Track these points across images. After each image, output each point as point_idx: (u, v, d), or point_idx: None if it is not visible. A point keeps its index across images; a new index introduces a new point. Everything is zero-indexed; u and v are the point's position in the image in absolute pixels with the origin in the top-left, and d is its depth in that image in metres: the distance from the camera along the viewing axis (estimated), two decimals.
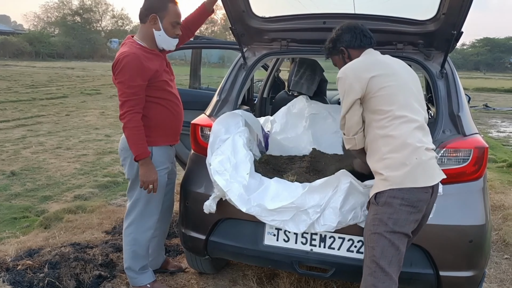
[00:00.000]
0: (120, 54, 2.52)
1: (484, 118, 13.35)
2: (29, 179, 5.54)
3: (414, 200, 2.09)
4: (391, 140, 2.14)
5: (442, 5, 2.62)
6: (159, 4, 2.58)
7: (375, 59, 2.36)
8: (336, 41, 2.47)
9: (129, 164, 2.75)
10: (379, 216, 2.13)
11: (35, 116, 10.34)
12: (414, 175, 2.09)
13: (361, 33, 2.42)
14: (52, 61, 39.18)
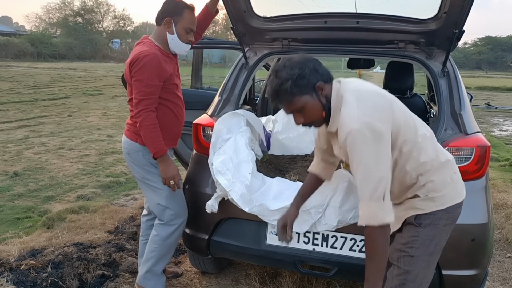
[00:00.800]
0: (140, 52, 2.52)
1: (486, 117, 13.33)
2: (31, 180, 5.56)
3: (456, 217, 2.03)
4: (424, 166, 1.92)
5: (444, 3, 2.62)
6: (175, 9, 2.61)
7: (368, 93, 1.89)
8: (305, 77, 1.83)
9: (138, 167, 2.74)
10: (421, 238, 1.97)
11: (38, 117, 10.37)
12: (456, 191, 2.01)
13: (320, 67, 1.89)
14: (54, 62, 39.25)
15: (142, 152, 2.68)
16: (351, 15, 2.97)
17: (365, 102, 1.82)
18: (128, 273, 3.24)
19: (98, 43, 49.49)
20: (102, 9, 54.78)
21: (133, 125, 2.67)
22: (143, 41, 2.67)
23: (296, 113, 1.90)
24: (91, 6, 53.66)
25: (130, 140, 2.70)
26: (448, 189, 1.96)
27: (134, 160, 2.71)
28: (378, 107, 1.81)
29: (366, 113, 1.77)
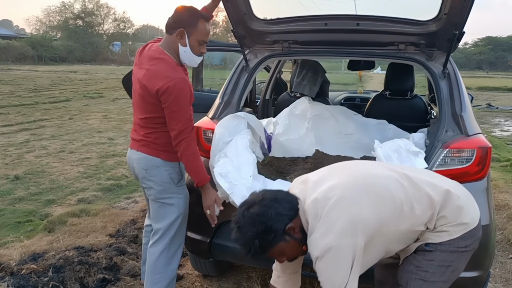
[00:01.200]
0: (168, 80, 2.34)
1: (488, 117, 13.31)
2: (32, 183, 5.56)
3: (476, 242, 1.93)
4: (423, 218, 1.84)
5: (444, 5, 2.62)
6: (189, 19, 2.44)
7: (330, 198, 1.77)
8: (272, 229, 1.75)
9: (158, 185, 2.58)
10: (437, 262, 1.88)
11: (38, 120, 10.37)
12: (470, 215, 1.90)
13: (285, 198, 1.85)
14: (54, 64, 39.26)
15: (164, 168, 2.55)
16: (351, 17, 2.96)
17: (324, 219, 1.73)
18: (129, 276, 3.24)
19: (98, 46, 49.48)
20: (103, 11, 54.82)
21: (152, 141, 2.53)
22: (160, 57, 2.44)
23: (276, 256, 1.88)
24: (91, 9, 53.69)
25: (149, 156, 2.54)
26: (461, 217, 1.87)
27: (153, 176, 2.55)
28: (339, 220, 1.71)
29: (326, 233, 1.70)
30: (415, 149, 2.53)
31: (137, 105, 2.58)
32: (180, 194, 2.63)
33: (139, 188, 5.40)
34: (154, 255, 2.62)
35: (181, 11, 2.46)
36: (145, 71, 2.44)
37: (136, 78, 2.54)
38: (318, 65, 4.19)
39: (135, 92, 2.57)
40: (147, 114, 2.50)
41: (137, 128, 2.61)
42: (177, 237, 2.64)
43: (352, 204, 1.75)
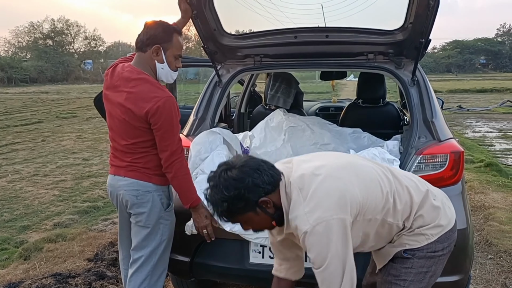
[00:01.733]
0: (157, 100, 2.24)
1: (459, 119, 13.63)
2: (6, 209, 5.40)
3: (452, 244, 1.95)
4: (403, 215, 1.85)
5: (409, 14, 2.68)
6: (164, 34, 2.34)
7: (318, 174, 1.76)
8: (245, 199, 1.71)
9: (150, 210, 2.41)
10: (415, 270, 1.87)
11: (10, 144, 10.12)
12: (447, 216, 1.92)
13: (265, 169, 1.75)
14: (25, 86, 38.51)
15: (156, 193, 2.43)
16: (320, 29, 3.01)
17: (313, 194, 1.71)
18: None
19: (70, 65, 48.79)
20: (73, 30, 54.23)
21: (142, 166, 2.40)
22: (138, 76, 2.33)
23: (242, 223, 1.83)
24: (61, 28, 53.04)
25: (140, 181, 2.39)
26: (438, 218, 1.88)
27: (145, 202, 2.40)
28: (329, 195, 1.70)
29: (315, 208, 1.68)
30: (389, 157, 2.56)
31: (118, 131, 2.41)
32: (167, 220, 2.50)
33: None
34: (135, 284, 2.47)
35: (154, 27, 2.36)
36: (127, 94, 2.30)
37: (114, 102, 2.38)
38: (291, 77, 4.22)
39: (113, 116, 2.41)
40: (134, 139, 2.36)
41: (119, 155, 2.45)
42: (160, 263, 2.52)
43: (342, 181, 1.75)
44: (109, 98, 2.43)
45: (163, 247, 2.51)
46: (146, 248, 2.47)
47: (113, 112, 2.41)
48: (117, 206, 2.56)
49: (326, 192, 1.71)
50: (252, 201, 1.71)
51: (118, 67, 2.45)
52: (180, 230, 2.62)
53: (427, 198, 1.90)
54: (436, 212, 1.89)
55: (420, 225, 1.86)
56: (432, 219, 1.87)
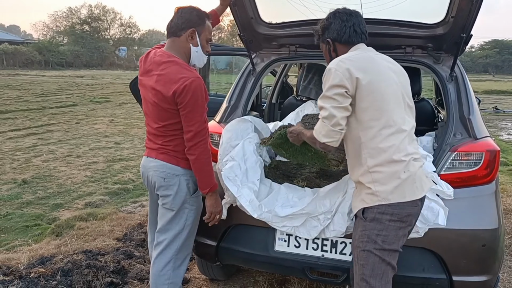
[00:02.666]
0: (184, 80, 2.27)
1: (494, 121, 13.25)
2: (40, 187, 5.59)
3: (404, 215, 2.02)
4: (378, 153, 2.01)
5: (451, 8, 2.61)
6: (198, 18, 2.41)
7: (366, 57, 2.13)
8: (325, 30, 2.26)
9: (175, 193, 2.46)
10: (367, 232, 2.04)
11: (46, 125, 10.44)
12: (403, 190, 2.00)
13: (351, 27, 2.18)
14: (61, 70, 39.57)
15: (184, 177, 2.47)
16: None
17: (348, 56, 2.13)
18: (136, 280, 3.24)
19: (105, 51, 49.78)
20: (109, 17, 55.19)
21: (172, 149, 2.44)
22: (168, 59, 2.37)
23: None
24: (98, 14, 54.05)
25: (169, 164, 2.44)
26: (393, 185, 1.99)
27: (172, 185, 2.46)
28: (357, 60, 2.08)
29: (342, 60, 2.06)
30: (422, 152, 2.52)
31: (151, 114, 2.47)
32: (193, 205, 2.54)
33: (146, 192, 5.41)
34: (159, 266, 2.53)
35: (188, 11, 2.42)
36: (157, 77, 2.36)
37: (147, 86, 2.44)
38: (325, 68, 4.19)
39: (146, 101, 2.48)
40: (164, 122, 2.41)
41: (152, 138, 2.51)
42: (183, 248, 2.57)
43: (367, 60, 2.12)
44: (143, 83, 2.49)
45: (187, 231, 2.55)
46: (170, 231, 2.52)
47: (146, 96, 2.47)
48: (147, 187, 2.62)
49: (358, 58, 2.11)
50: (326, 37, 2.27)
51: (151, 53, 2.51)
52: None
53: (400, 165, 2.00)
54: (394, 180, 2.00)
55: (376, 181, 2.01)
56: (388, 182, 2.00)
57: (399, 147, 2.01)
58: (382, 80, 2.05)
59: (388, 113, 2.02)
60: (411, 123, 2.12)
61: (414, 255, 2.43)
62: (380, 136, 2.01)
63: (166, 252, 2.53)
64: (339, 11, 2.24)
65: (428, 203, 2.30)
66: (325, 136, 2.02)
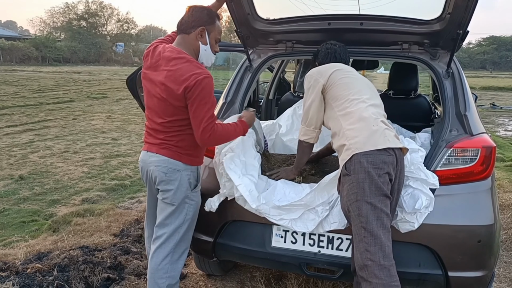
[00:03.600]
0: (196, 76, 2.29)
1: (492, 117, 13.28)
2: (37, 183, 5.58)
3: (379, 162, 2.20)
4: (350, 115, 2.36)
5: (448, 4, 2.62)
6: (208, 17, 2.46)
7: (337, 64, 2.66)
8: (315, 56, 2.83)
9: (177, 188, 2.48)
10: (354, 183, 2.21)
11: (42, 121, 10.41)
12: (375, 139, 2.24)
13: (333, 54, 2.73)
14: (58, 65, 39.40)
15: (185, 172, 2.49)
16: (354, 16, 2.97)
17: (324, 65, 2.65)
18: (134, 275, 3.25)
19: (102, 47, 49.56)
20: (106, 12, 54.93)
21: (174, 144, 2.45)
22: (179, 56, 2.39)
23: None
24: (95, 9, 53.82)
25: (171, 159, 2.45)
26: (364, 135, 2.26)
27: (173, 180, 2.47)
28: (322, 67, 2.61)
29: (313, 69, 2.61)
30: (414, 147, 2.52)
31: (156, 109, 2.45)
32: (193, 200, 2.56)
33: (143, 188, 5.42)
34: (157, 260, 2.54)
35: (199, 10, 2.47)
36: (167, 73, 2.36)
37: (154, 81, 2.42)
38: None
39: (151, 95, 2.46)
40: (170, 117, 2.41)
41: (154, 133, 2.50)
42: (182, 242, 2.58)
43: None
44: (149, 77, 2.48)
45: (187, 226, 2.56)
46: (170, 225, 2.53)
47: (152, 90, 2.46)
48: (146, 182, 2.61)
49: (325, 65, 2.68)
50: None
51: (159, 48, 2.50)
52: (204, 210, 2.67)
53: (367, 121, 2.31)
54: (363, 130, 2.28)
55: (349, 137, 2.30)
56: (358, 134, 2.27)
57: (366, 109, 2.36)
58: (348, 71, 2.59)
59: (355, 90, 2.45)
60: (378, 102, 2.50)
61: (410, 251, 2.45)
62: (350, 105, 2.40)
63: (165, 246, 2.54)
64: (324, 46, 2.79)
65: (411, 191, 2.38)
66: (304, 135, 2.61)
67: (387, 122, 2.41)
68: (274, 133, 3.48)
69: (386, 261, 2.15)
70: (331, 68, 2.55)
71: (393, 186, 2.28)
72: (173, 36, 2.67)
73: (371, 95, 2.49)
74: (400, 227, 2.37)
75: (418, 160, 2.43)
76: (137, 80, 3.42)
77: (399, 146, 2.30)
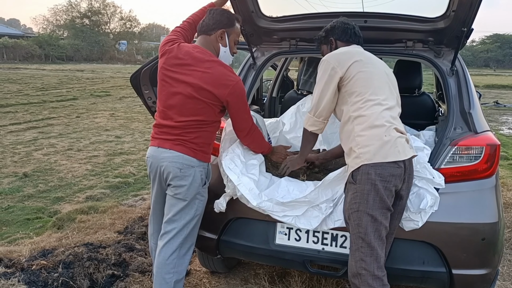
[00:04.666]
0: (234, 82, 2.43)
1: (495, 115, 13.24)
2: (41, 181, 5.61)
3: (387, 175, 2.17)
4: (363, 119, 2.25)
5: (452, 2, 2.61)
6: (228, 20, 2.55)
7: (357, 50, 2.49)
8: (329, 32, 2.60)
9: (190, 184, 2.49)
10: (359, 193, 2.20)
11: (46, 118, 10.45)
12: (385, 151, 2.18)
13: (352, 30, 2.55)
14: (61, 63, 39.46)
15: (198, 168, 2.51)
16: (359, 14, 2.97)
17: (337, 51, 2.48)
18: (138, 272, 3.27)
19: (105, 45, 49.59)
20: (109, 10, 54.92)
21: (190, 140, 2.47)
22: (211, 58, 2.47)
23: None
24: (98, 7, 53.81)
25: (186, 155, 2.47)
26: (375, 146, 2.19)
27: (187, 176, 2.48)
28: (342, 54, 2.41)
29: (331, 54, 2.43)
30: (419, 145, 2.53)
31: (177, 107, 2.46)
32: (203, 196, 2.59)
33: (147, 185, 5.44)
34: (165, 255, 2.55)
35: (220, 13, 2.56)
36: (201, 74, 2.41)
37: (181, 80, 2.44)
38: None
39: (174, 93, 2.46)
40: (195, 117, 2.44)
41: (168, 129, 2.50)
42: (189, 237, 2.61)
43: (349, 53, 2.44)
44: (174, 76, 2.47)
45: (195, 222, 2.59)
46: (180, 221, 2.55)
47: (179, 88, 2.45)
48: (155, 178, 2.60)
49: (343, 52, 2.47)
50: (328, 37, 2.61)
51: (185, 46, 2.52)
52: (209, 208, 2.68)
53: (381, 128, 2.21)
54: (375, 141, 2.20)
55: (359, 144, 2.23)
56: (369, 143, 2.20)
57: (380, 114, 2.24)
58: (369, 62, 2.39)
59: (373, 87, 2.31)
60: (396, 100, 2.40)
61: (414, 249, 2.45)
62: (364, 107, 2.27)
63: (174, 241, 2.56)
64: (340, 19, 2.59)
65: (417, 190, 2.38)
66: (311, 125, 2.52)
67: (401, 126, 2.32)
68: (277, 130, 3.48)
69: (380, 272, 2.20)
70: (350, 58, 2.35)
71: (400, 191, 2.27)
72: (182, 32, 2.72)
73: (388, 95, 2.36)
74: (404, 226, 2.38)
75: (424, 159, 2.43)
76: (141, 78, 3.42)
77: (409, 156, 2.24)
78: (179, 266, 2.57)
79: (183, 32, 2.73)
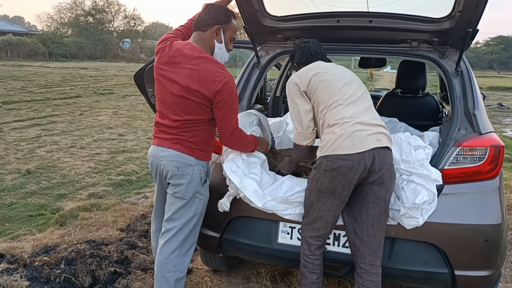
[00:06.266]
0: (222, 78, 2.35)
1: (499, 117, 13.20)
2: (44, 178, 5.62)
3: (335, 167, 2.29)
4: (326, 122, 2.41)
5: (458, 2, 2.60)
6: (224, 16, 2.49)
7: (316, 64, 2.65)
8: (291, 58, 2.85)
9: (188, 183, 2.49)
10: (311, 176, 2.41)
11: (49, 116, 10.47)
12: (336, 145, 2.30)
13: (308, 51, 2.73)
14: (65, 61, 39.54)
15: (197, 167, 2.50)
16: (364, 14, 2.96)
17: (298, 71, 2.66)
18: (140, 270, 3.27)
19: (108, 43, 49.68)
20: (113, 9, 55.01)
21: (187, 139, 2.46)
22: (201, 55, 2.41)
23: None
24: (102, 6, 53.89)
25: (183, 154, 2.46)
26: (328, 140, 2.34)
27: (185, 174, 2.48)
28: (301, 71, 2.61)
29: (293, 75, 2.62)
30: (420, 144, 2.51)
31: (173, 106, 2.45)
32: (203, 195, 2.58)
33: (149, 183, 5.44)
34: (166, 253, 2.55)
35: (216, 9, 2.50)
36: (189, 71, 2.37)
37: (172, 78, 2.42)
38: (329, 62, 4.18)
39: (168, 92, 2.44)
40: (188, 116, 2.43)
41: (165, 128, 2.50)
42: (190, 236, 2.60)
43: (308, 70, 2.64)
44: (166, 74, 2.45)
45: (196, 220, 2.58)
46: (180, 219, 2.54)
47: (170, 88, 2.43)
48: (156, 176, 2.61)
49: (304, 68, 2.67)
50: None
51: (176, 44, 2.48)
52: (211, 206, 2.68)
53: (336, 127, 2.34)
54: (330, 137, 2.34)
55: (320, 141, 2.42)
56: (326, 139, 2.35)
57: (339, 112, 2.38)
58: (327, 71, 2.55)
59: (334, 91, 2.46)
60: (357, 98, 2.46)
61: (417, 249, 2.44)
62: (328, 111, 2.43)
63: (174, 240, 2.55)
64: (297, 45, 2.82)
65: (414, 186, 2.37)
66: (304, 139, 2.59)
67: (370, 118, 2.39)
68: (281, 130, 3.48)
69: (312, 240, 2.46)
70: (309, 73, 2.54)
71: (369, 179, 2.31)
72: (182, 30, 2.69)
73: (353, 92, 2.47)
74: (405, 223, 2.37)
75: (422, 156, 2.42)
76: (145, 76, 3.42)
77: (368, 148, 2.27)
78: (180, 265, 2.57)
79: (185, 30, 2.70)
